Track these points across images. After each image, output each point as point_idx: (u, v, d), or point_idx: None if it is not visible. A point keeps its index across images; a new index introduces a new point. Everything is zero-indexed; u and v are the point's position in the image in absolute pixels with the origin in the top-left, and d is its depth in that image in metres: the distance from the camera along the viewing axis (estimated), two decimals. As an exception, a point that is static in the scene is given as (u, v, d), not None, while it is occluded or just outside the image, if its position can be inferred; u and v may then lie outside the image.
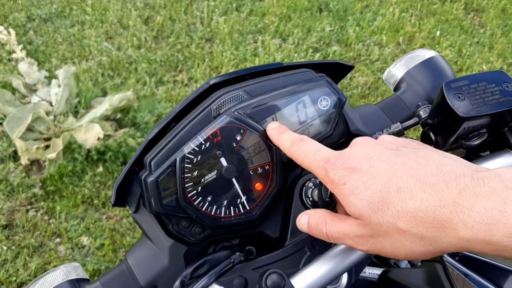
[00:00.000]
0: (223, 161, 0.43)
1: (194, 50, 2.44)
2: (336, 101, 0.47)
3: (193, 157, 0.42)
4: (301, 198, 0.48)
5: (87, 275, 0.47)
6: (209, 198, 0.43)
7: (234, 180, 0.44)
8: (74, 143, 1.81)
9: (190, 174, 0.42)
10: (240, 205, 0.44)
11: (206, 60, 2.39)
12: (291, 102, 0.46)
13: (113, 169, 1.83)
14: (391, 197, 0.32)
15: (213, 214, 0.44)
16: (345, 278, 0.48)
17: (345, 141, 0.51)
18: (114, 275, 0.45)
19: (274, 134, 0.42)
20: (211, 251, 0.48)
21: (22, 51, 2.23)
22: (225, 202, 0.44)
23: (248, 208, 0.45)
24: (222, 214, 0.44)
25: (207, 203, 0.43)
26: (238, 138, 0.43)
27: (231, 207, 0.44)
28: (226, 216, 0.44)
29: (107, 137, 1.86)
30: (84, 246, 1.62)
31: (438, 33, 2.76)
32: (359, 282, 0.61)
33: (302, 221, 0.40)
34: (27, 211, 1.70)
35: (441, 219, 0.30)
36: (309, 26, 2.68)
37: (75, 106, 2.04)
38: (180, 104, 0.45)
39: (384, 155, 0.34)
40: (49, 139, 1.86)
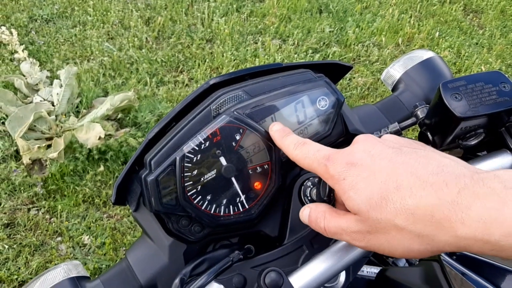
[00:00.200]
0: (223, 160, 0.43)
1: (194, 51, 2.45)
2: (334, 101, 0.48)
3: (192, 156, 0.42)
4: (299, 197, 0.49)
5: (88, 273, 0.47)
6: (208, 197, 0.44)
7: (233, 179, 0.44)
8: (76, 143, 1.82)
9: (189, 173, 0.42)
10: (239, 204, 0.45)
11: (207, 60, 2.40)
12: (290, 102, 0.46)
13: (114, 168, 1.84)
14: (390, 194, 0.32)
15: (212, 212, 0.44)
16: (343, 277, 0.48)
17: (343, 141, 0.52)
18: (114, 273, 0.46)
19: (278, 136, 0.43)
20: (211, 250, 0.49)
21: (24, 51, 2.24)
22: (224, 201, 0.44)
23: (247, 207, 0.45)
24: (222, 213, 0.44)
25: (207, 202, 0.44)
26: (238, 137, 0.43)
27: (230, 206, 0.45)
28: (226, 214, 0.45)
29: (108, 136, 1.87)
30: (85, 245, 1.62)
31: (437, 34, 2.76)
32: (357, 281, 0.61)
33: (304, 213, 0.40)
34: (29, 210, 1.71)
35: (439, 217, 0.30)
36: (309, 27, 2.69)
37: (77, 106, 2.04)
38: (180, 103, 0.45)
39: (385, 153, 0.34)
40: (50, 139, 1.86)
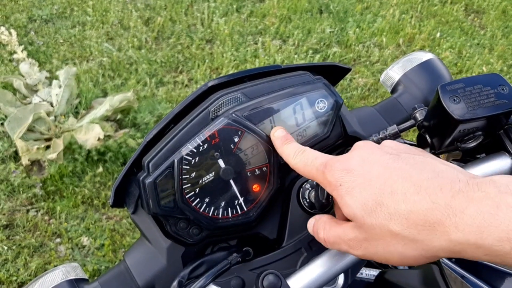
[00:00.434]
0: (221, 162, 0.43)
1: (194, 51, 2.45)
2: (333, 103, 0.48)
3: (191, 158, 0.42)
4: (298, 200, 0.49)
5: (86, 275, 0.47)
6: (206, 200, 0.43)
7: (231, 181, 0.44)
8: (75, 144, 1.82)
9: (188, 176, 0.42)
10: (237, 206, 0.45)
11: (207, 61, 2.40)
12: (289, 104, 0.46)
13: (113, 169, 1.84)
14: (385, 199, 0.32)
15: (210, 215, 0.44)
16: (341, 279, 0.48)
17: (342, 143, 0.51)
18: (113, 276, 0.46)
19: (279, 143, 0.43)
20: (209, 252, 0.48)
21: (23, 52, 2.24)
22: (222, 204, 0.44)
23: (245, 209, 0.45)
24: (220, 215, 0.44)
25: (205, 204, 0.43)
26: (236, 140, 0.43)
27: (229, 208, 0.44)
28: (224, 217, 0.44)
29: (107, 137, 1.87)
30: (84, 246, 1.62)
31: (438, 34, 2.76)
32: (356, 283, 0.61)
33: (309, 225, 0.41)
34: (28, 211, 1.70)
35: (432, 222, 0.30)
36: (309, 28, 2.69)
37: (76, 107, 2.04)
38: (178, 105, 0.45)
39: (382, 159, 0.35)
40: (49, 140, 1.86)
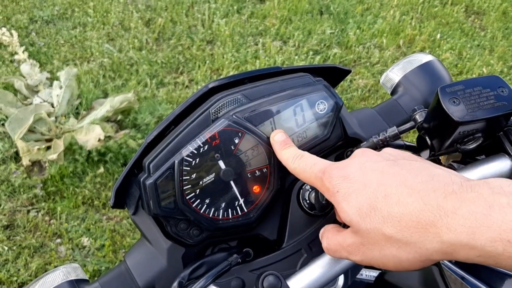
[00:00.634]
0: (221, 164, 0.43)
1: (195, 52, 2.45)
2: (333, 105, 0.48)
3: (191, 159, 0.42)
4: (298, 201, 0.49)
5: (87, 276, 0.47)
6: (207, 201, 0.44)
7: (232, 182, 0.44)
8: (75, 144, 1.82)
9: (188, 177, 0.42)
10: (238, 207, 0.45)
11: (207, 62, 2.40)
12: (289, 106, 0.46)
13: (113, 170, 1.84)
14: (378, 203, 0.32)
15: (211, 216, 0.44)
16: (341, 280, 0.48)
17: (342, 144, 0.52)
18: (113, 276, 0.46)
19: (278, 148, 0.44)
20: (209, 253, 0.49)
21: (24, 53, 2.25)
22: (223, 205, 0.44)
23: (245, 210, 0.45)
24: (220, 216, 0.44)
25: (205, 206, 0.44)
26: (236, 141, 0.43)
27: (229, 210, 0.45)
28: (224, 218, 0.45)
29: (108, 138, 1.87)
30: (84, 247, 1.62)
31: (439, 36, 2.76)
32: (356, 284, 0.61)
33: (320, 233, 0.41)
34: (28, 212, 1.71)
35: (425, 223, 0.30)
36: (309, 29, 2.69)
37: (76, 108, 2.05)
38: (179, 107, 0.45)
39: (378, 165, 0.35)
40: (50, 140, 1.86)
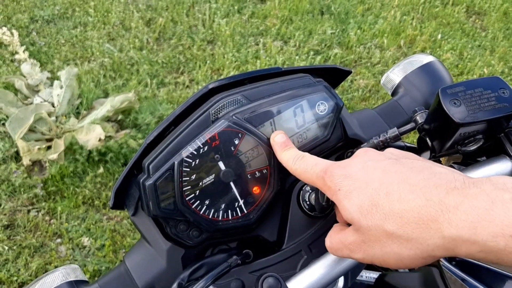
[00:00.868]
0: (221, 165, 0.43)
1: (195, 52, 2.45)
2: (333, 106, 0.48)
3: (191, 160, 0.42)
4: (298, 202, 0.49)
5: (86, 277, 0.47)
6: (207, 202, 0.43)
7: (232, 183, 0.44)
8: (76, 144, 1.82)
9: (188, 178, 0.42)
10: (237, 208, 0.45)
11: (208, 62, 2.40)
12: (289, 106, 0.46)
13: (114, 170, 1.84)
14: (380, 200, 0.32)
15: (210, 217, 0.44)
16: (341, 282, 0.48)
17: (342, 145, 0.51)
18: (112, 277, 0.46)
19: (278, 149, 0.44)
20: (209, 254, 0.48)
21: (25, 52, 2.25)
22: (222, 206, 0.44)
23: (245, 211, 0.45)
24: (220, 218, 0.44)
25: (205, 207, 0.43)
26: (236, 142, 0.43)
27: (229, 211, 0.44)
28: (224, 219, 0.44)
29: (108, 138, 1.87)
30: (84, 247, 1.62)
31: (440, 36, 2.76)
32: (356, 286, 0.61)
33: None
34: (29, 212, 1.71)
35: (426, 219, 0.30)
36: (310, 29, 2.69)
37: (77, 107, 2.05)
38: (179, 107, 0.45)
39: (380, 164, 0.35)
40: (50, 140, 1.87)
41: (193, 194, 0.43)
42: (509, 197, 0.28)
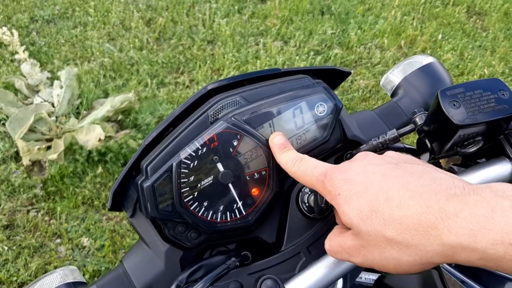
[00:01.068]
0: (220, 166, 0.43)
1: (195, 52, 2.45)
2: (332, 107, 0.48)
3: (189, 162, 0.42)
4: (297, 204, 0.49)
5: (84, 279, 0.47)
6: (205, 203, 0.43)
7: (230, 185, 0.44)
8: (75, 144, 1.82)
9: (186, 179, 0.42)
10: (236, 210, 0.45)
11: (208, 62, 2.40)
12: (288, 108, 0.46)
13: (113, 170, 1.84)
14: (380, 205, 0.32)
15: (209, 219, 0.44)
16: (340, 284, 0.48)
17: (341, 147, 0.51)
18: (111, 279, 0.46)
19: (277, 151, 0.43)
20: (207, 256, 0.48)
21: (25, 52, 2.25)
22: (221, 207, 0.44)
23: (244, 213, 0.45)
24: (218, 219, 0.44)
25: (203, 208, 0.43)
26: (235, 143, 0.43)
27: (227, 212, 0.44)
28: (222, 221, 0.44)
29: (108, 138, 1.87)
30: (84, 247, 1.62)
31: (440, 36, 2.75)
32: (355, 288, 0.61)
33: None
34: (28, 212, 1.71)
35: (426, 225, 0.30)
36: (311, 29, 2.69)
37: (77, 107, 2.05)
38: (177, 109, 0.45)
39: (380, 168, 0.35)
40: (50, 140, 1.86)
41: (191, 196, 0.43)
42: (508, 204, 0.28)
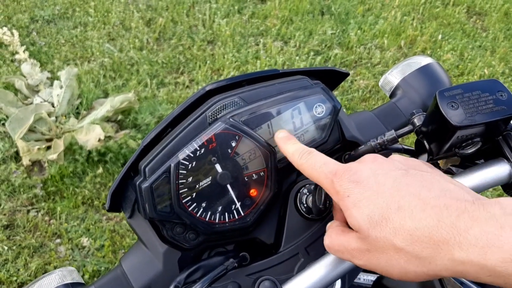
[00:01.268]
0: (218, 167, 0.43)
1: (195, 52, 2.45)
2: (331, 108, 0.48)
3: (187, 163, 0.42)
4: (295, 205, 0.49)
5: (82, 279, 0.47)
6: (203, 204, 0.43)
7: (228, 186, 0.44)
8: (75, 144, 1.82)
9: (184, 180, 0.42)
10: (234, 211, 0.45)
11: (208, 62, 2.40)
12: (287, 109, 0.46)
13: (113, 170, 1.84)
14: (391, 214, 0.32)
15: (207, 220, 0.44)
16: (338, 285, 0.48)
17: (340, 147, 0.51)
18: (109, 280, 0.46)
19: (283, 143, 0.43)
20: (205, 257, 0.48)
21: (25, 52, 2.25)
22: (219, 208, 0.44)
23: (242, 214, 0.45)
24: (217, 220, 0.44)
25: (202, 209, 0.43)
26: (233, 144, 0.43)
27: (226, 213, 0.44)
28: (221, 222, 0.44)
29: (108, 138, 1.87)
30: (84, 247, 1.62)
31: (440, 36, 2.75)
32: (353, 289, 0.61)
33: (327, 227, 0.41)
34: (28, 212, 1.71)
35: (437, 240, 0.30)
36: (310, 29, 2.69)
37: (77, 107, 2.05)
38: (176, 109, 0.45)
39: (391, 174, 0.35)
40: (50, 140, 1.87)
41: (189, 197, 0.43)
42: None
